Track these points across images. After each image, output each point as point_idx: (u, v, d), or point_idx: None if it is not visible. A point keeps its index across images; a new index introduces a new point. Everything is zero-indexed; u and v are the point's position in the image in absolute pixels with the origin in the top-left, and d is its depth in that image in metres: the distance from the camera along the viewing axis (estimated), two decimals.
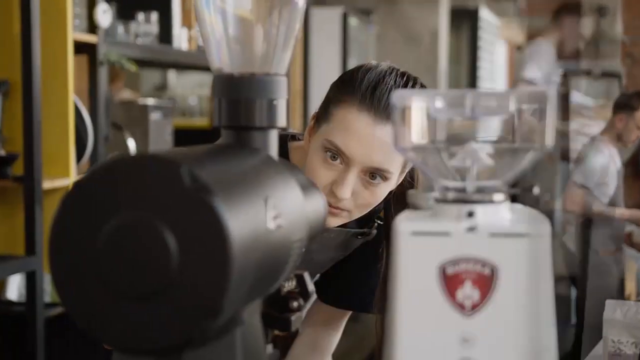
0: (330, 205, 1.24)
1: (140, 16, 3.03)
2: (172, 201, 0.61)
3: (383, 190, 1.26)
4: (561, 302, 4.83)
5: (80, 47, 2.65)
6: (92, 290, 0.62)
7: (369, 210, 1.29)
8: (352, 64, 6.13)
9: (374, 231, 1.41)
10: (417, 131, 0.72)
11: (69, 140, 2.53)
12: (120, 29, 2.98)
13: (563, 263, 4.35)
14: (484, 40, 7.58)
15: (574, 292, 4.67)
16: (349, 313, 1.53)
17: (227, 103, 0.82)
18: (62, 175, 2.53)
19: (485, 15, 7.57)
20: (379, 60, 1.30)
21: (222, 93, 0.82)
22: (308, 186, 0.88)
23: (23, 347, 2.37)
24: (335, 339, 1.55)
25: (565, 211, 4.39)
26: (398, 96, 0.71)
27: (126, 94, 4.05)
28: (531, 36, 9.89)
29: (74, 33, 2.57)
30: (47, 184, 2.44)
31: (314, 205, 0.86)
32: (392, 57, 1.34)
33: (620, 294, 4.37)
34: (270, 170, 0.76)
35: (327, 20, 4.77)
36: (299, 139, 1.42)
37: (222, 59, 0.83)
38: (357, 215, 1.28)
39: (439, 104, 0.71)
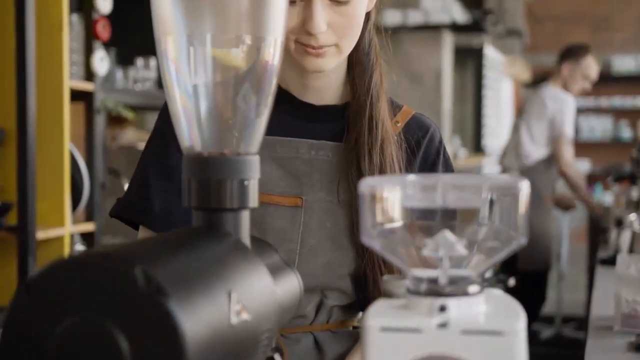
0: (312, 47, 1.17)
1: (139, 62, 3.03)
2: (125, 303, 0.59)
3: (357, 7, 1.18)
4: None
5: (78, 95, 2.65)
6: None
7: (357, 34, 1.20)
8: None
9: None
10: (386, 219, 0.69)
11: (65, 189, 2.51)
12: (119, 74, 2.97)
13: None
14: (489, 78, 7.59)
15: None
16: None
17: (197, 183, 0.79)
18: (57, 225, 2.51)
19: (490, 53, 7.57)
20: None
21: (191, 173, 0.80)
22: (281, 267, 0.85)
23: None
24: None
25: (562, 174, 4.44)
26: (366, 184, 0.68)
27: (130, 134, 4.04)
28: (536, 73, 9.92)
29: (71, 81, 2.56)
30: (41, 234, 2.42)
31: (287, 287, 0.84)
32: (396, 97, 1.32)
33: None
34: (237, 258, 0.74)
35: None
36: None
37: (192, 138, 0.81)
38: (347, 46, 1.19)
39: (409, 192, 0.68)
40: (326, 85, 1.27)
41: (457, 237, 0.68)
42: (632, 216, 3.14)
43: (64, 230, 2.52)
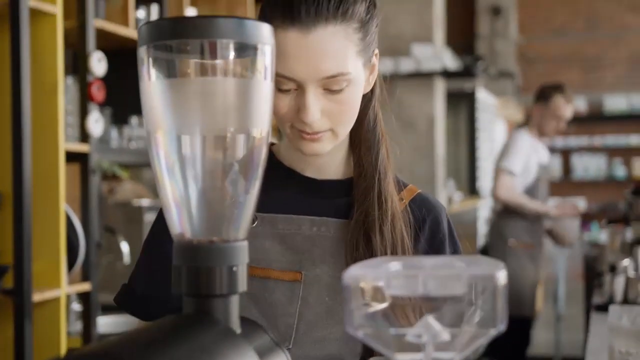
0: (306, 133, 1.16)
1: (134, 120, 3.07)
2: None
3: (352, 94, 1.16)
4: None
5: (73, 156, 2.68)
6: None
7: (352, 119, 1.19)
8: None
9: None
10: (370, 307, 0.71)
11: (60, 250, 2.53)
12: (114, 133, 3.01)
13: None
14: (481, 120, 7.65)
15: None
16: None
17: (187, 270, 0.82)
18: (53, 286, 2.52)
19: (482, 95, 7.65)
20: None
21: (182, 260, 0.82)
22: (271, 348, 0.87)
23: None
24: None
25: (496, 199, 4.43)
26: (349, 276, 0.71)
27: (127, 187, 4.07)
28: (529, 113, 10.02)
29: (66, 143, 2.60)
30: (37, 296, 2.43)
31: None
32: (390, 143, 1.32)
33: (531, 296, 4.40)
34: (226, 345, 0.76)
35: None
36: None
37: (182, 226, 0.83)
38: (343, 131, 1.18)
39: (392, 281, 0.71)
40: (328, 161, 1.27)
41: (440, 322, 0.71)
42: (626, 262, 3.15)
43: (60, 292, 2.53)
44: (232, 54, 0.79)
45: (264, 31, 0.81)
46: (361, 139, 1.26)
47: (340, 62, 1.12)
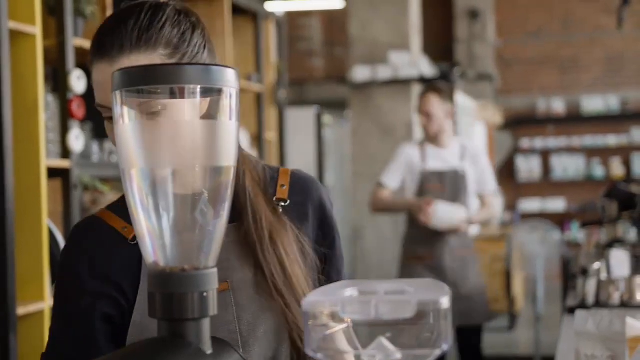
0: None
1: None
2: None
3: (177, 116, 1.14)
4: None
5: (54, 172, 2.73)
6: None
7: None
8: (328, 158, 6.27)
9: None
10: (327, 331, 0.78)
11: (44, 265, 2.58)
12: (95, 147, 3.07)
13: None
14: (461, 124, 7.74)
15: None
16: None
17: (161, 296, 0.88)
18: (37, 299, 2.58)
19: (461, 100, 7.74)
20: (354, 154, 1.33)
21: (156, 287, 0.89)
22: None
23: None
24: None
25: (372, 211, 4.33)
26: (308, 302, 0.78)
27: (111, 198, 4.11)
28: (508, 116, 10.13)
29: (48, 159, 2.65)
30: (21, 310, 2.49)
31: None
32: (368, 150, 1.39)
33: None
34: None
35: (302, 119, 4.89)
36: None
37: (156, 255, 0.90)
38: None
39: (347, 308, 0.78)
40: None
41: (392, 343, 0.78)
42: (597, 264, 3.22)
43: (44, 305, 2.59)
44: (199, 98, 0.86)
45: (229, 75, 0.88)
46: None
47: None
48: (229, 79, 0.88)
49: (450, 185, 4.27)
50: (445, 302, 0.75)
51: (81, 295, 1.26)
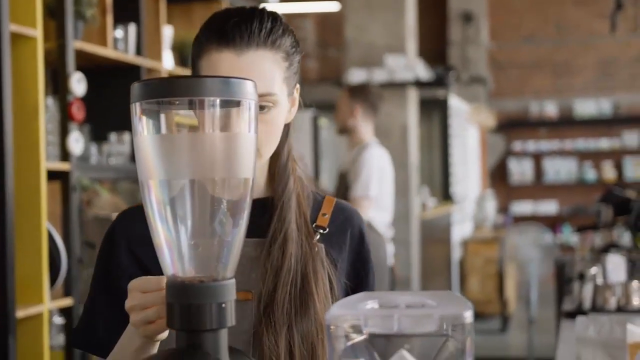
0: None
1: (113, 137, 3.12)
2: None
3: (277, 116, 1.24)
4: None
5: (54, 174, 2.73)
6: None
7: (275, 141, 1.26)
8: (323, 162, 6.27)
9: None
10: (349, 343, 0.79)
11: (43, 267, 2.58)
12: (94, 149, 3.07)
13: None
14: (454, 127, 7.76)
15: None
16: None
17: (179, 307, 0.89)
18: (36, 302, 2.57)
19: (455, 102, 7.76)
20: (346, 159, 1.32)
21: (174, 298, 0.89)
22: None
23: None
24: None
25: None
26: (331, 316, 0.78)
27: (105, 198, 4.10)
28: (501, 118, 10.15)
29: (47, 162, 2.65)
30: (20, 313, 2.48)
31: None
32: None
33: None
34: None
35: (297, 122, 4.87)
36: None
37: (174, 267, 0.90)
38: (266, 151, 1.25)
39: (369, 321, 0.78)
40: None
41: (413, 355, 0.78)
42: (594, 269, 3.23)
43: (42, 307, 2.59)
44: (218, 110, 0.87)
45: (248, 87, 0.88)
46: (275, 171, 1.32)
47: (268, 82, 1.21)
48: (248, 91, 0.89)
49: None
50: (468, 316, 0.76)
51: (119, 274, 1.26)
